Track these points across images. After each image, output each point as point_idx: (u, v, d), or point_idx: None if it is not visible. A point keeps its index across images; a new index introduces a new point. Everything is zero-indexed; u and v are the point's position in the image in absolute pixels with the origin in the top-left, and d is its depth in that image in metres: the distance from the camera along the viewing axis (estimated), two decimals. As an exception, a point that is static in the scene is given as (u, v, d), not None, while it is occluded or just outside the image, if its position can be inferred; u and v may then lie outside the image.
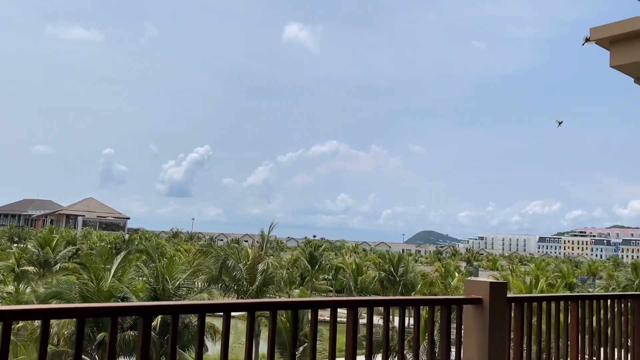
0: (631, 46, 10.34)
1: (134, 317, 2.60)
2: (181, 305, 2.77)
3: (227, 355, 2.28)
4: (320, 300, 2.49)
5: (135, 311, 2.36)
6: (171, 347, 2.31)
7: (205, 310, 2.22)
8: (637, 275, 52.81)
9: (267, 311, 2.37)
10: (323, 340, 23.27)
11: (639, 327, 4.36)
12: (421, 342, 17.28)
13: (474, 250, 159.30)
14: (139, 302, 17.24)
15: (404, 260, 53.81)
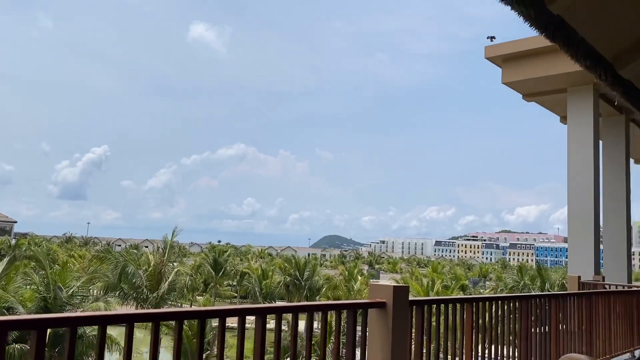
0: (520, 65, 11.19)
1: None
2: (81, 317, 2.61)
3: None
4: (229, 309, 2.46)
5: (28, 325, 2.18)
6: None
7: (108, 322, 2.10)
8: (522, 277, 57.15)
9: (173, 321, 2.31)
10: (228, 347, 22.67)
11: (524, 325, 4.73)
12: (327, 346, 17.58)
13: (375, 254, 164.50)
14: (32, 315, 16.05)
15: (309, 264, 54.36)
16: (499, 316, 4.46)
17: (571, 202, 10.44)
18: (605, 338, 6.37)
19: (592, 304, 6.11)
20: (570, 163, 10.55)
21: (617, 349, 6.65)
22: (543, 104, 11.82)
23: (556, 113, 12.24)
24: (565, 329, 5.59)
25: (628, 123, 11.55)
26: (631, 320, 7.12)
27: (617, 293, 7.01)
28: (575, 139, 10.48)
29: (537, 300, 5.04)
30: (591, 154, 10.26)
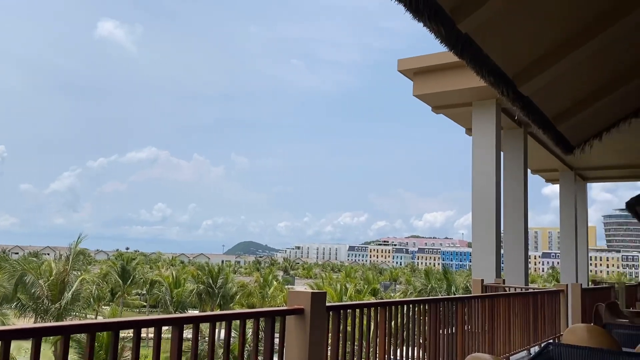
0: (430, 78, 11.68)
1: None
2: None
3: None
4: (145, 319, 2.37)
5: None
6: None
7: (12, 337, 1.94)
8: (429, 281, 59.64)
9: (84, 333, 2.18)
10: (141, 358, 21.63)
11: (433, 327, 4.95)
12: (245, 355, 17.30)
13: (291, 260, 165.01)
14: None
15: (223, 271, 53.46)
16: (410, 319, 4.64)
17: (475, 209, 11.06)
18: (506, 337, 6.80)
19: (494, 306, 6.51)
20: (474, 172, 11.17)
21: (515, 347, 7.13)
22: (450, 116, 12.45)
23: (462, 125, 12.93)
24: (470, 330, 5.91)
25: (526, 136, 12.43)
26: (528, 319, 7.66)
27: (516, 295, 7.52)
28: (479, 150, 11.12)
29: (444, 303, 5.29)
30: (493, 164, 10.94)
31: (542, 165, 17.94)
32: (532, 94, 7.52)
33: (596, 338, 6.05)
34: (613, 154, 16.00)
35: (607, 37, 6.75)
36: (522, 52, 6.97)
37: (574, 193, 18.30)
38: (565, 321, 9.26)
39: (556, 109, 8.61)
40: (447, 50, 5.93)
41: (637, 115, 9.82)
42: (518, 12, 6.23)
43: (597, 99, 8.50)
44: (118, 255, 78.78)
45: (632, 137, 13.77)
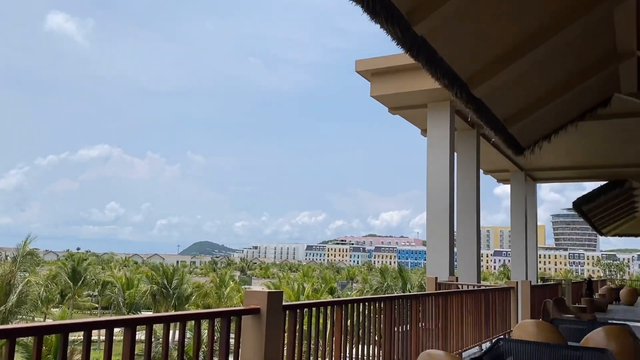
0: (387, 80, 11.83)
1: None
2: None
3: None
4: (96, 321, 2.31)
5: None
6: None
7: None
8: (385, 279, 60.41)
9: (31, 337, 2.11)
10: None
11: (388, 324, 5.02)
12: (200, 356, 16.93)
13: (248, 260, 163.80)
14: None
15: (178, 272, 52.54)
16: (366, 317, 4.70)
17: (430, 208, 11.28)
18: (459, 333, 6.97)
19: (447, 303, 6.66)
20: (429, 172, 11.39)
21: (468, 343, 7.31)
22: (406, 117, 12.65)
23: (418, 126, 13.16)
24: (424, 327, 6.03)
25: (479, 137, 12.77)
26: (480, 316, 7.87)
27: (468, 292, 7.71)
28: (434, 151, 11.35)
29: (399, 300, 5.38)
30: (447, 165, 11.18)
31: (493, 166, 18.47)
32: (484, 96, 7.73)
33: (544, 333, 6.29)
34: (561, 155, 16.64)
35: (555, 43, 7.02)
36: (475, 56, 7.16)
37: (524, 193, 18.92)
38: (515, 317, 9.56)
39: (507, 112, 8.88)
40: (403, 52, 6.04)
41: (583, 118, 10.25)
42: (472, 17, 6.40)
43: (546, 103, 8.82)
44: (68, 256, 76.21)
45: (578, 139, 14.36)
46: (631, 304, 22.71)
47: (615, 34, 7.64)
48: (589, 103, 10.07)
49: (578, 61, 8.51)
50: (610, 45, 8.13)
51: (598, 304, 18.05)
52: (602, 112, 10.30)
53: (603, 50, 8.34)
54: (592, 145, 15.41)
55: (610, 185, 20.65)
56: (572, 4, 6.64)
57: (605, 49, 8.30)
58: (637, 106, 10.47)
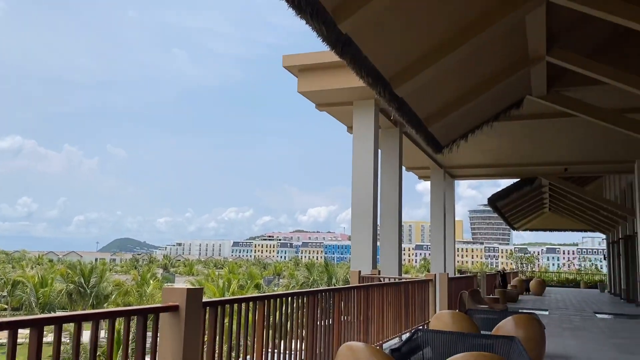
0: (314, 76, 11.88)
1: None
2: None
3: None
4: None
5: None
6: None
7: None
8: (311, 274, 60.95)
9: None
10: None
11: (310, 318, 5.07)
12: (115, 356, 16.27)
13: (171, 257, 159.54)
14: None
15: (96, 270, 50.30)
16: (289, 312, 4.72)
17: (354, 204, 11.48)
18: (379, 325, 7.16)
19: (369, 296, 6.82)
20: (354, 169, 11.59)
21: (388, 335, 7.53)
22: (333, 114, 12.79)
23: (344, 123, 13.35)
24: (346, 320, 6.14)
25: (401, 135, 13.14)
26: (400, 308, 8.13)
27: (389, 284, 7.93)
28: (359, 148, 11.56)
29: (322, 294, 5.44)
30: (371, 162, 11.43)
31: (415, 163, 19.10)
32: (406, 95, 7.97)
33: (459, 323, 6.59)
34: (477, 153, 17.46)
35: (472, 46, 7.35)
36: (398, 56, 7.36)
37: (443, 189, 19.70)
38: (434, 308, 9.95)
39: (428, 111, 9.21)
40: (329, 49, 6.10)
41: (497, 119, 10.82)
42: (396, 17, 6.56)
43: (464, 103, 9.23)
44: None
45: (494, 139, 15.14)
46: (540, 294, 24.29)
47: (527, 39, 8.12)
48: (503, 104, 10.64)
49: (494, 64, 8.96)
50: (523, 49, 8.62)
51: (510, 294, 19.16)
52: (515, 113, 10.91)
53: (516, 55, 8.83)
54: (506, 144, 16.30)
55: (521, 183, 21.95)
56: (488, 10, 6.98)
57: (518, 54, 8.80)
58: (546, 108, 11.18)
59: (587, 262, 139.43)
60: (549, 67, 9.23)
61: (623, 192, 22.86)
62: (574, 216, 30.12)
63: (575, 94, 10.46)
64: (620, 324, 12.92)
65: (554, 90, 10.33)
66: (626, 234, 22.57)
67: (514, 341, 4.87)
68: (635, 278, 19.91)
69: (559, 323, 12.48)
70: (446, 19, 7.04)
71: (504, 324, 6.25)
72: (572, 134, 14.66)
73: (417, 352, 5.41)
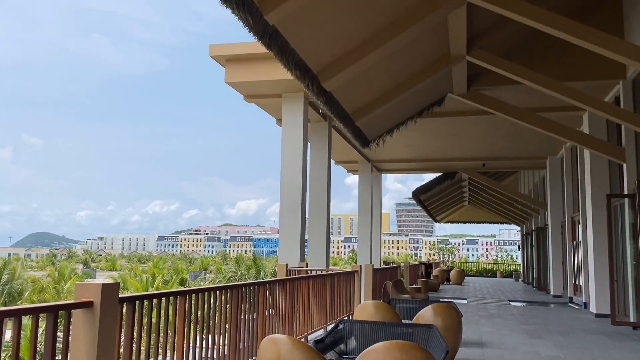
0: (243, 67, 11.73)
1: None
2: None
3: None
4: None
5: None
6: None
7: None
8: (239, 267, 60.43)
9: None
10: None
11: (234, 312, 5.02)
12: (26, 356, 15.23)
13: (92, 252, 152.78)
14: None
15: (9, 266, 47.28)
16: (214, 306, 4.64)
17: (283, 197, 11.49)
18: (305, 317, 7.21)
19: (295, 288, 6.85)
20: (283, 162, 11.59)
21: (313, 326, 7.60)
22: (262, 106, 12.70)
23: (273, 116, 13.29)
24: (272, 314, 6.13)
25: (330, 129, 13.27)
26: (325, 299, 8.22)
27: (315, 277, 8.00)
28: (288, 141, 11.56)
29: (246, 288, 5.40)
30: (300, 155, 11.46)
31: (344, 157, 19.37)
32: (334, 89, 8.05)
33: (381, 313, 6.76)
34: (402, 148, 17.97)
35: (398, 42, 7.53)
36: (326, 49, 7.41)
37: (370, 183, 20.12)
38: (359, 299, 10.15)
39: (355, 106, 9.34)
40: (256, 40, 6.03)
41: (421, 115, 11.16)
42: (323, 9, 6.59)
43: (389, 99, 9.44)
44: None
45: (417, 134, 15.62)
46: (459, 283, 25.40)
47: (449, 38, 8.42)
48: (426, 101, 10.99)
49: (418, 61, 9.22)
50: (445, 49, 8.93)
51: (432, 284, 19.89)
52: (437, 110, 11.31)
53: (439, 53, 9.14)
54: (429, 140, 16.86)
55: (443, 177, 22.83)
56: (413, 7, 7.17)
57: (440, 52, 9.10)
58: (466, 106, 11.66)
59: (504, 252, 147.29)
60: (469, 66, 9.62)
61: (536, 186, 24.34)
62: (492, 209, 31.75)
63: (493, 93, 10.98)
64: (532, 310, 13.76)
65: (474, 89, 10.80)
66: (538, 225, 24.05)
67: (432, 329, 5.06)
68: (545, 267, 21.27)
69: (476, 311, 13.11)
70: (373, 15, 7.15)
71: (423, 313, 6.47)
72: (490, 131, 15.40)
73: (340, 343, 5.50)
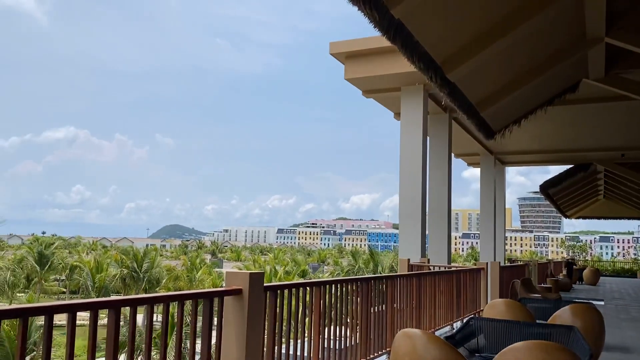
0: (362, 62, 11.81)
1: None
2: None
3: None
4: (56, 305, 2.27)
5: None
6: None
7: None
8: (356, 261, 61.03)
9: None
10: (57, 346, 20.70)
11: (364, 305, 5.11)
12: (169, 340, 16.75)
13: (218, 243, 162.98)
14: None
15: (148, 255, 52.01)
16: (340, 298, 4.76)
17: (402, 191, 11.40)
18: (431, 313, 7.13)
19: (420, 284, 6.80)
20: (402, 156, 11.49)
21: (440, 323, 7.49)
22: (380, 100, 12.69)
23: (391, 109, 13.23)
24: (398, 307, 6.15)
25: (451, 121, 12.92)
26: (451, 296, 8.06)
27: (440, 273, 7.87)
28: (407, 134, 11.44)
29: (374, 281, 5.47)
30: (420, 148, 11.29)
31: (464, 150, 18.74)
32: (458, 80, 7.82)
33: (513, 311, 6.48)
34: (529, 139, 16.99)
35: (526, 28, 7.13)
36: (450, 40, 7.22)
37: (493, 176, 19.29)
38: (485, 297, 9.81)
39: (479, 96, 9.01)
40: (380, 35, 6.05)
41: (552, 103, 10.48)
42: (447, 1, 6.44)
43: (517, 87, 8.98)
44: (34, 240, 74.32)
45: (546, 124, 14.68)
46: (593, 283, 23.53)
47: (585, 20, 7.80)
48: (558, 88, 10.29)
49: (549, 46, 8.66)
50: (580, 31, 8.29)
51: (562, 283, 18.65)
52: (570, 97, 10.54)
53: (573, 36, 8.51)
54: (559, 129, 15.78)
55: (575, 169, 21.23)
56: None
57: (575, 35, 8.47)
58: (603, 92, 10.76)
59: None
60: (608, 49, 8.85)
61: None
62: (631, 204, 28.93)
63: (635, 77, 10.01)
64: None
65: (613, 73, 9.91)
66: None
67: (573, 330, 4.77)
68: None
69: (615, 314, 12.09)
70: (500, 1, 6.85)
71: (560, 314, 6.11)
72: (630, 118, 14.05)
73: (471, 340, 5.37)
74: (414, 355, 3.56)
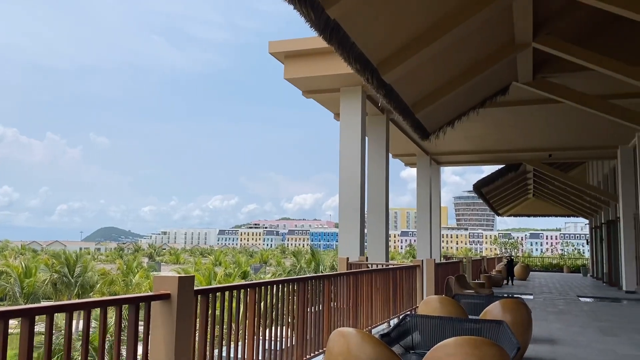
0: (301, 62, 11.79)
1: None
2: None
3: None
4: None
5: None
6: None
7: None
8: (298, 261, 61.10)
9: None
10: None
11: (301, 305, 5.08)
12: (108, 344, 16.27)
13: (156, 246, 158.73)
14: None
15: (81, 259, 49.86)
16: (279, 299, 4.71)
17: (342, 191, 11.49)
18: (368, 311, 7.21)
19: (358, 282, 6.85)
20: (341, 156, 11.58)
21: (377, 320, 7.58)
22: (320, 101, 12.74)
23: (331, 110, 13.30)
24: (336, 307, 6.16)
25: (388, 122, 13.15)
26: (388, 294, 8.18)
27: (377, 271, 7.97)
28: (346, 135, 11.54)
29: (312, 281, 5.45)
30: (358, 149, 11.41)
31: (401, 150, 19.13)
32: (393, 82, 7.96)
33: (447, 308, 6.65)
34: (462, 140, 17.55)
35: (460, 32, 7.35)
36: (386, 42, 7.33)
37: (428, 176, 19.80)
38: (421, 294, 10.03)
39: (415, 98, 9.21)
40: (317, 35, 6.05)
41: (483, 105, 10.87)
42: (383, 4, 6.53)
43: (450, 90, 9.25)
44: (-46, 245, 69.58)
45: (479, 125, 15.21)
46: (524, 278, 24.63)
47: (514, 25, 8.13)
48: (490, 90, 10.69)
49: (481, 50, 8.97)
50: (510, 36, 8.64)
51: (495, 279, 19.39)
52: (501, 99, 10.97)
53: (503, 41, 8.85)
54: (491, 130, 16.39)
55: (506, 169, 22.14)
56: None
57: (505, 40, 8.82)
58: (532, 94, 11.25)
59: (570, 246, 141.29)
60: (535, 53, 9.27)
61: (606, 177, 23.19)
62: (558, 202, 30.53)
63: (560, 80, 10.54)
64: (603, 307, 13.17)
65: (540, 77, 10.40)
66: (609, 218, 22.93)
67: (502, 325, 4.93)
68: (617, 262, 20.27)
69: (543, 307, 12.68)
70: (434, 5, 7.02)
71: (491, 309, 6.32)
72: (556, 120, 14.79)
73: (406, 337, 5.46)
74: (347, 355, 3.57)
